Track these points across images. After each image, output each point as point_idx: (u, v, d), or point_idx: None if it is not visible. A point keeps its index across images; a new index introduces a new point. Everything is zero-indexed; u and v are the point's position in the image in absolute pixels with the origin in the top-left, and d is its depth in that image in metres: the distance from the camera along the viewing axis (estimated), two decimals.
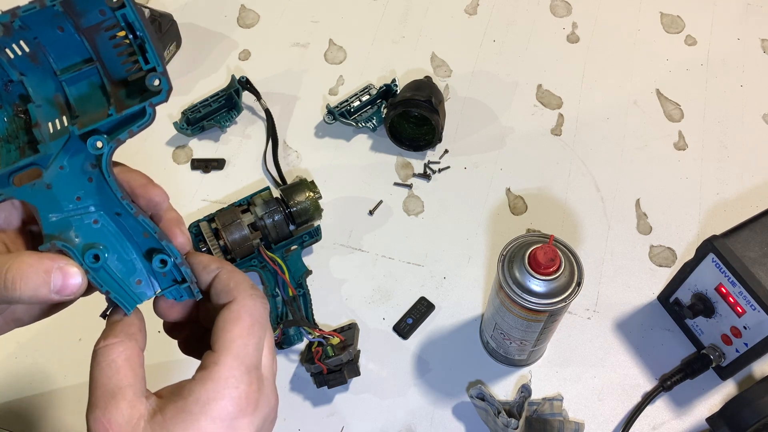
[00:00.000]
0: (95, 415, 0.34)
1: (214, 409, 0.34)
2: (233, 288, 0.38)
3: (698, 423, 0.68)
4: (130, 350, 0.36)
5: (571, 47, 0.96)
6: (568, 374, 0.71)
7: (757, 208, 0.75)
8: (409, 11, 0.99)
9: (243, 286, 0.38)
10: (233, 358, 0.35)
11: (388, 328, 0.74)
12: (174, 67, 0.93)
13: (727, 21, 0.98)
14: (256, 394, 0.35)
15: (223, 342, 0.35)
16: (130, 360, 0.36)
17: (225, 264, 0.39)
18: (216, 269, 0.39)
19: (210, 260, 0.39)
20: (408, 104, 0.80)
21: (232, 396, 0.34)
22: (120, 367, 0.36)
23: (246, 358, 0.35)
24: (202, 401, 0.34)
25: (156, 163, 0.85)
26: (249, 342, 0.36)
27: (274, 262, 0.72)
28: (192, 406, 0.34)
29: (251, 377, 0.35)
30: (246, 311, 0.37)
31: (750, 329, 0.63)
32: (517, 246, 0.59)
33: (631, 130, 0.88)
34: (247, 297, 0.37)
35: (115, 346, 0.36)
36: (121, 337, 0.36)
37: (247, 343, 0.36)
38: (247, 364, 0.35)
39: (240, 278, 0.38)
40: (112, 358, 0.36)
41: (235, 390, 0.34)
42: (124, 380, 0.35)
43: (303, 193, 0.75)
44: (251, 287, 0.38)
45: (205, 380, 0.35)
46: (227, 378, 0.34)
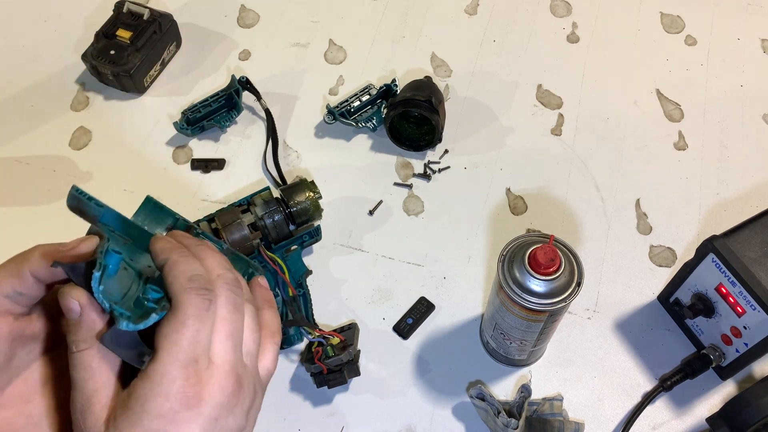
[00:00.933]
0: (75, 416, 0.36)
1: (152, 407, 0.34)
2: (170, 283, 0.37)
3: (698, 423, 0.68)
4: (102, 352, 0.36)
5: (571, 47, 0.96)
6: (568, 374, 0.71)
7: (757, 208, 0.76)
8: (409, 11, 0.99)
9: (179, 281, 0.37)
10: (166, 354, 0.35)
11: (388, 328, 0.74)
12: (174, 67, 0.94)
13: (727, 21, 0.98)
14: (197, 386, 0.35)
15: (157, 339, 0.36)
16: (104, 362, 0.36)
17: (172, 253, 0.38)
18: (161, 261, 0.38)
19: (160, 250, 0.38)
20: (408, 104, 0.80)
21: (168, 392, 0.34)
22: (94, 370, 0.36)
23: (180, 353, 0.35)
24: (141, 399, 0.34)
25: (156, 163, 0.85)
26: (181, 338, 0.35)
27: (274, 262, 0.72)
28: (134, 404, 0.34)
29: (188, 371, 0.35)
30: (177, 307, 0.36)
31: (750, 329, 0.63)
32: (517, 246, 0.59)
33: (631, 130, 0.88)
34: (180, 291, 0.36)
35: (88, 351, 0.36)
36: (90, 342, 0.36)
37: (179, 339, 0.35)
38: (181, 359, 0.35)
39: (178, 272, 0.37)
40: (87, 363, 0.36)
41: (170, 385, 0.34)
42: (98, 383, 0.36)
43: (303, 193, 0.75)
44: (188, 279, 0.37)
45: (143, 378, 0.35)
46: (162, 374, 0.34)
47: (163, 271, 0.37)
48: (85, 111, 0.90)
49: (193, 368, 0.35)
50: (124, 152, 0.86)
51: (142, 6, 0.91)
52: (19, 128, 0.88)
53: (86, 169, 0.85)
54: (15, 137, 0.87)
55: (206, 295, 0.37)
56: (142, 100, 0.91)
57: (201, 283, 0.37)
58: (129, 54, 0.87)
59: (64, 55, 0.95)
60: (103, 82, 0.91)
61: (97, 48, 0.88)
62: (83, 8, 0.99)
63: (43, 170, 0.85)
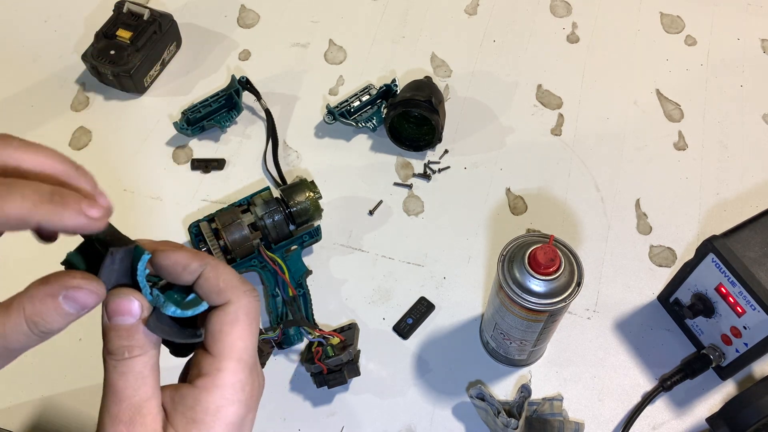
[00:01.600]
0: (118, 429, 0.33)
1: (226, 415, 0.34)
2: (224, 288, 0.35)
3: (698, 423, 0.68)
4: (154, 359, 0.35)
5: (571, 47, 0.96)
6: (568, 374, 0.71)
7: (757, 208, 0.75)
8: (409, 11, 0.99)
9: (234, 283, 0.35)
10: (236, 362, 0.34)
11: (388, 328, 0.74)
12: (174, 67, 0.94)
13: (727, 21, 0.98)
14: (258, 389, 0.36)
15: (223, 346, 0.34)
16: (155, 369, 0.35)
17: (207, 259, 0.36)
18: (199, 268, 0.35)
19: (189, 258, 0.35)
20: (408, 104, 0.80)
21: (241, 400, 0.34)
22: (146, 377, 0.34)
23: (249, 359, 0.35)
24: (212, 410, 0.33)
25: (156, 163, 0.85)
26: (249, 344, 0.35)
27: (274, 262, 0.72)
28: (202, 415, 0.33)
29: (253, 376, 0.35)
30: (243, 312, 0.35)
31: (750, 329, 0.63)
32: (517, 246, 0.59)
33: (631, 129, 0.88)
34: (242, 296, 0.35)
35: (141, 357, 0.34)
36: (146, 348, 0.34)
37: (248, 345, 0.35)
38: (250, 365, 0.35)
39: (228, 275, 0.35)
40: (138, 370, 0.34)
41: (242, 393, 0.34)
42: (149, 392, 0.34)
43: (303, 193, 0.75)
44: (242, 282, 0.36)
45: (210, 388, 0.34)
46: (234, 384, 0.34)
47: (204, 275, 0.35)
48: (85, 111, 0.90)
49: (255, 371, 0.35)
50: (124, 152, 0.87)
51: (142, 6, 0.90)
52: (19, 128, 0.88)
53: (86, 169, 0.85)
54: None
55: (256, 296, 0.36)
56: (142, 100, 0.91)
57: (250, 285, 0.36)
58: (129, 54, 0.87)
59: (64, 55, 0.95)
60: (103, 82, 0.91)
61: (97, 48, 0.88)
62: (83, 8, 0.99)
63: None
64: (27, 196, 0.30)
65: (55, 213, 0.30)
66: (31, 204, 0.30)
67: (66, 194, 0.31)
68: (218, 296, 0.35)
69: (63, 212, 0.31)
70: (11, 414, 0.69)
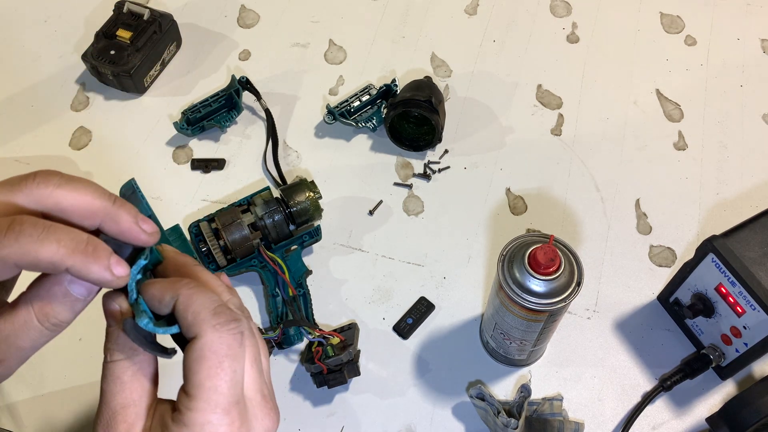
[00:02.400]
0: (97, 429, 0.34)
1: None
2: (192, 322, 0.33)
3: (698, 423, 0.68)
4: (138, 365, 0.34)
5: (571, 47, 0.96)
6: (568, 374, 0.71)
7: (757, 208, 0.76)
8: (409, 11, 0.99)
9: (202, 317, 0.32)
10: (205, 403, 0.32)
11: (388, 328, 0.74)
12: (174, 67, 0.94)
13: (727, 21, 0.98)
14: (241, 428, 0.33)
15: (192, 386, 0.32)
16: (137, 376, 0.34)
17: (181, 290, 0.33)
18: (170, 300, 0.33)
19: (163, 290, 0.34)
20: (408, 104, 0.80)
21: None
22: (125, 384, 0.34)
23: (220, 399, 0.32)
24: None
25: (156, 163, 0.85)
26: (220, 383, 0.32)
27: (274, 262, 0.72)
28: None
29: (232, 416, 0.33)
30: (209, 349, 0.32)
31: (750, 329, 0.63)
32: (517, 246, 0.59)
33: (631, 130, 0.88)
34: (209, 330, 0.32)
35: (122, 363, 0.34)
36: (126, 353, 0.34)
37: (218, 385, 0.32)
38: (223, 405, 0.32)
39: (200, 306, 0.33)
40: (117, 375, 0.34)
41: None
42: (128, 398, 0.34)
43: (303, 193, 0.75)
44: (213, 314, 0.33)
45: (181, 426, 0.32)
46: (203, 425, 0.32)
47: (176, 307, 0.33)
48: (85, 111, 0.90)
49: (236, 411, 0.33)
50: (124, 152, 0.87)
51: (142, 6, 0.91)
52: (19, 128, 0.88)
53: (86, 169, 0.85)
54: (15, 137, 0.87)
55: (236, 328, 0.33)
56: (142, 100, 0.91)
57: (228, 316, 0.33)
58: (129, 54, 0.87)
59: (64, 55, 0.95)
60: (103, 82, 0.91)
61: (97, 48, 0.88)
62: (83, 8, 0.99)
63: None
64: (63, 243, 0.31)
65: (84, 264, 0.31)
66: (66, 252, 0.31)
67: (99, 247, 0.32)
68: (187, 330, 0.33)
69: (92, 265, 0.31)
70: (11, 414, 0.69)
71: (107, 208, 0.33)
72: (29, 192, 0.32)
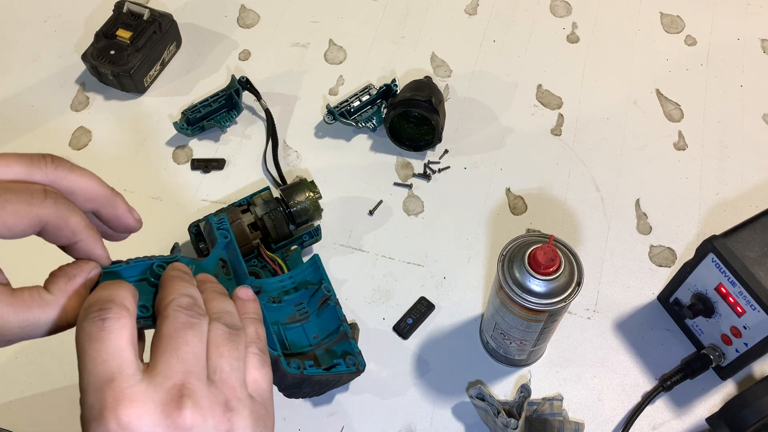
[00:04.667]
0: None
1: None
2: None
3: (698, 423, 0.68)
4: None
5: (571, 47, 0.96)
6: (568, 374, 0.71)
7: (757, 208, 0.76)
8: (409, 11, 0.99)
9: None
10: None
11: (388, 328, 0.74)
12: (174, 67, 0.94)
13: (727, 21, 0.98)
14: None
15: None
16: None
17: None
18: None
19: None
20: (408, 104, 0.80)
21: None
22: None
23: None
24: None
25: (156, 163, 0.85)
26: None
27: (274, 262, 0.72)
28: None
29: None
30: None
31: (750, 329, 0.63)
32: (517, 246, 0.59)
33: (631, 130, 0.88)
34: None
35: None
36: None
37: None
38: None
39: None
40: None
41: None
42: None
43: (303, 193, 0.75)
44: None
45: None
46: None
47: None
48: (85, 111, 0.90)
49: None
50: (124, 152, 0.87)
51: (142, 6, 0.91)
52: (20, 128, 0.88)
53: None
54: (15, 137, 0.87)
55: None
56: (142, 100, 0.91)
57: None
58: (129, 54, 0.87)
59: (64, 55, 0.95)
60: (103, 82, 0.91)
61: (97, 48, 0.88)
62: (83, 8, 0.99)
63: None
64: (83, 218, 0.38)
65: (95, 239, 0.39)
66: (85, 225, 0.38)
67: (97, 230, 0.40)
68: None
69: (97, 243, 0.39)
70: (11, 414, 0.69)
71: (108, 195, 0.39)
72: (47, 172, 0.36)
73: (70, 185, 0.37)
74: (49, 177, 0.36)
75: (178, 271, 0.40)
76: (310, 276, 0.50)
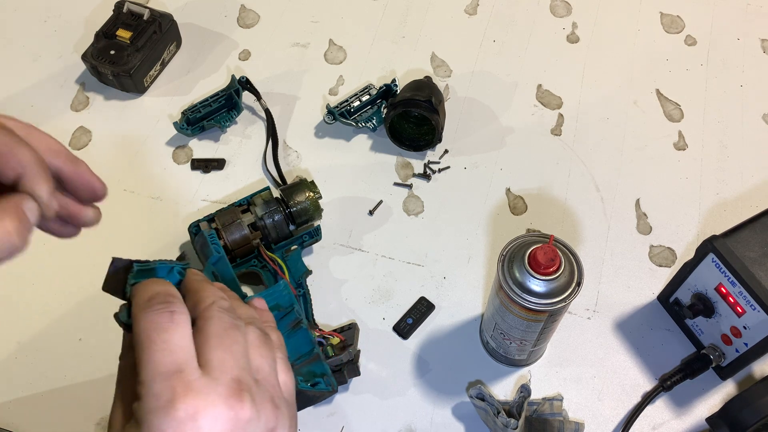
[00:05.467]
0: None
1: None
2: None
3: (698, 423, 0.68)
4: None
5: (571, 47, 0.96)
6: (568, 374, 0.71)
7: (757, 208, 0.75)
8: (409, 11, 0.99)
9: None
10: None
11: (388, 328, 0.74)
12: (174, 67, 0.94)
13: (727, 21, 0.98)
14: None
15: None
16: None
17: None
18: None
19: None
20: (408, 104, 0.80)
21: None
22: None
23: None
24: None
25: (156, 163, 0.85)
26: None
27: (274, 262, 0.72)
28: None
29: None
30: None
31: (750, 329, 0.63)
32: (517, 246, 0.59)
33: (631, 130, 0.88)
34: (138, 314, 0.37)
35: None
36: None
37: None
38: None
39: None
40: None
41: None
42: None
43: (303, 193, 0.75)
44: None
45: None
46: None
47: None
48: (85, 111, 0.90)
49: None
50: (124, 152, 0.87)
51: (142, 6, 0.91)
52: None
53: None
54: None
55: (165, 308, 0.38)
56: (142, 100, 0.91)
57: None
58: (129, 54, 0.87)
59: (64, 55, 0.95)
60: (103, 82, 0.91)
61: (97, 48, 0.88)
62: (83, 8, 0.99)
63: None
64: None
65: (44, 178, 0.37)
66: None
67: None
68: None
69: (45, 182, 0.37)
70: (11, 414, 0.69)
71: (70, 154, 0.41)
72: (13, 126, 0.38)
73: (31, 139, 0.38)
74: (22, 132, 0.38)
75: (203, 276, 0.41)
76: (283, 299, 0.51)
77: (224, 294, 0.40)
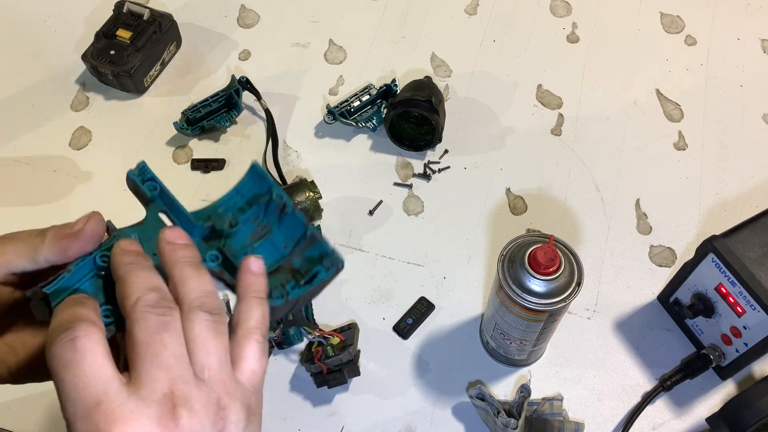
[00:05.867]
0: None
1: None
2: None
3: (698, 423, 0.68)
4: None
5: (571, 47, 0.96)
6: (568, 374, 0.71)
7: (757, 208, 0.75)
8: (409, 11, 0.99)
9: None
10: None
11: (388, 328, 0.74)
12: (174, 67, 0.94)
13: (727, 21, 0.98)
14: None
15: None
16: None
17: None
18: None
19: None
20: (408, 104, 0.80)
21: None
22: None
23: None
24: None
25: (156, 163, 0.85)
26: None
27: None
28: None
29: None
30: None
31: (750, 329, 0.63)
32: (517, 246, 0.59)
33: (631, 130, 0.88)
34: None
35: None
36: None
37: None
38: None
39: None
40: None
41: None
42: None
43: (303, 193, 0.75)
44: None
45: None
46: None
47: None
48: (85, 111, 0.90)
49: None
50: (124, 152, 0.87)
51: (142, 6, 0.91)
52: (19, 128, 0.88)
53: (86, 169, 0.85)
54: (15, 137, 0.87)
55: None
56: (142, 100, 0.91)
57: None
58: (129, 54, 0.87)
59: (64, 55, 0.95)
60: (103, 82, 0.91)
61: (97, 48, 0.88)
62: (83, 8, 0.99)
63: (43, 170, 0.85)
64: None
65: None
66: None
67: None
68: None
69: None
70: (11, 414, 0.69)
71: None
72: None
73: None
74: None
75: (128, 256, 0.37)
76: (257, 187, 0.47)
77: (155, 277, 0.36)
